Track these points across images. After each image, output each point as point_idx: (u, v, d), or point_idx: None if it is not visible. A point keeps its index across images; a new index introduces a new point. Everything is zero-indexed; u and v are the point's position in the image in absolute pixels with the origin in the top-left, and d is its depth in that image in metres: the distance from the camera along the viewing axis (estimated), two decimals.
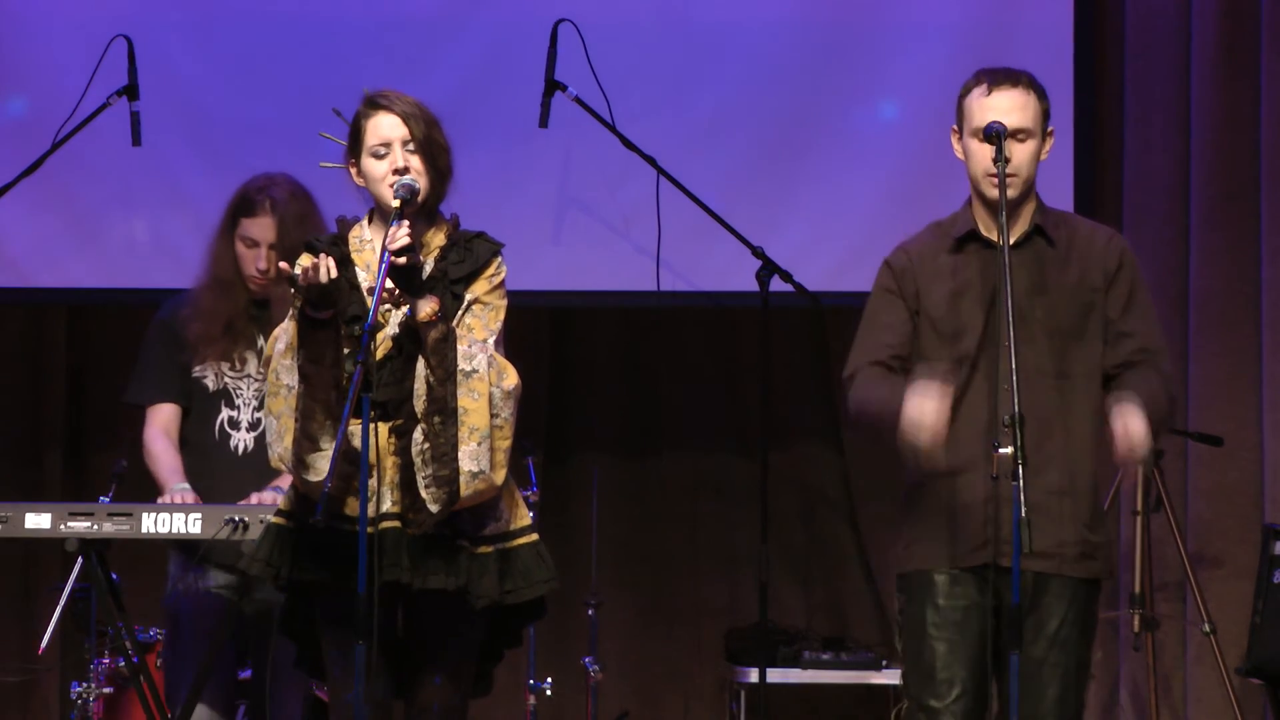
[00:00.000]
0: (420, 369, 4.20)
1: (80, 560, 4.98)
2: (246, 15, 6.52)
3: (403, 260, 4.17)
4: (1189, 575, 6.21)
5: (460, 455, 4.17)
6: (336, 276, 4.16)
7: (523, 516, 4.38)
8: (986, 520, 4.34)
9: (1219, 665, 6.15)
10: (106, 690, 5.44)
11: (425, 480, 4.18)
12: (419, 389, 4.20)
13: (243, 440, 5.22)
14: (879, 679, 6.44)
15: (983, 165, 4.37)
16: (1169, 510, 6.15)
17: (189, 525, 4.95)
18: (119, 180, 6.47)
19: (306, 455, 4.20)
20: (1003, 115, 4.35)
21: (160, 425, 5.26)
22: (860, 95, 6.59)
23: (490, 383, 4.21)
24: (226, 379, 5.23)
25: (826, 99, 6.56)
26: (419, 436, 4.19)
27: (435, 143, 4.31)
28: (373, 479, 4.17)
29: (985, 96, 4.39)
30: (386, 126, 4.29)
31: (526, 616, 4.45)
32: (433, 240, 4.34)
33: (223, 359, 5.22)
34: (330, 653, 4.33)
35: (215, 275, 5.24)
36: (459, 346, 4.20)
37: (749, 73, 6.56)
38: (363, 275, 4.32)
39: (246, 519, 4.90)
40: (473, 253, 4.32)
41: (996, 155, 4.31)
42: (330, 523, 4.18)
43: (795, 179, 6.55)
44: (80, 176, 6.41)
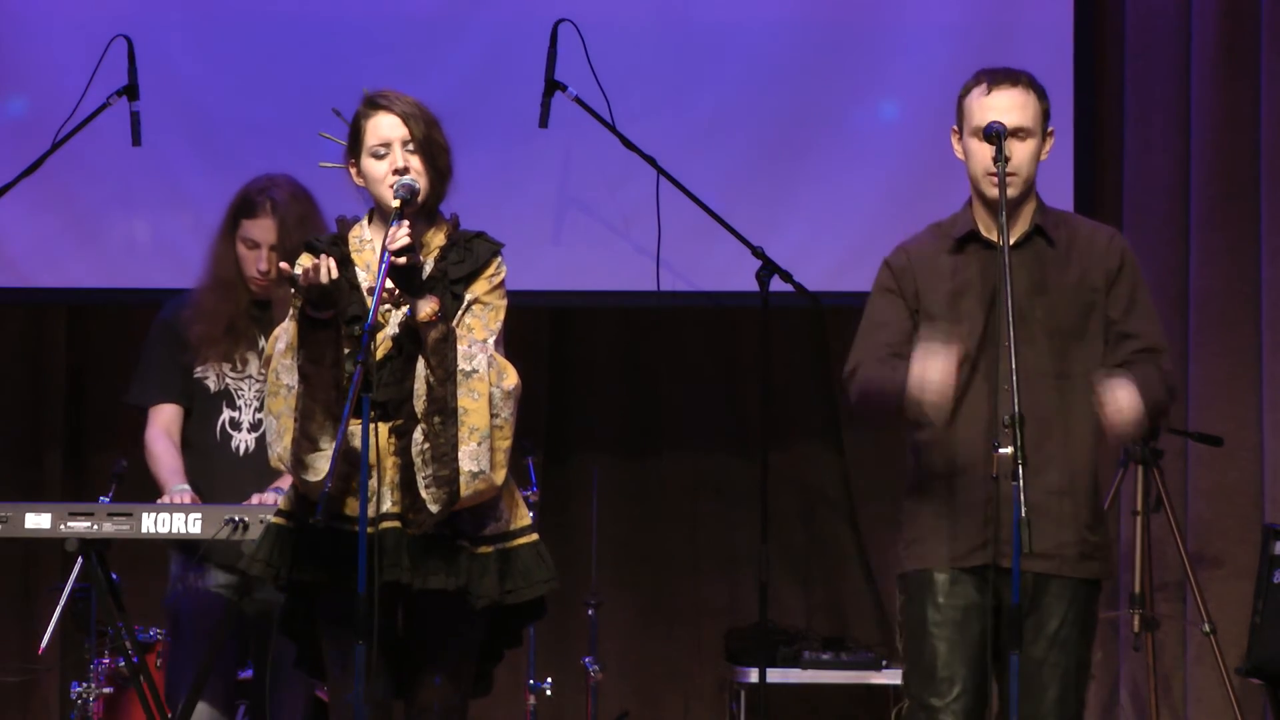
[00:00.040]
0: (420, 369, 4.20)
1: (80, 560, 4.98)
2: (246, 15, 6.52)
3: (403, 260, 4.17)
4: (1189, 575, 6.20)
5: (460, 455, 4.17)
6: (337, 277, 4.16)
7: (523, 516, 4.38)
8: (986, 520, 4.33)
9: (1219, 665, 6.14)
10: (106, 690, 5.42)
11: (425, 480, 4.18)
12: (419, 389, 4.20)
13: (244, 441, 5.21)
14: (879, 679, 6.43)
15: (983, 165, 4.37)
16: (1169, 510, 6.15)
17: (189, 525, 4.95)
18: (119, 180, 6.47)
19: (306, 455, 4.20)
20: (1003, 115, 4.35)
21: (162, 426, 5.26)
22: (860, 95, 6.59)
23: (490, 383, 4.21)
24: (228, 380, 5.23)
25: (826, 99, 6.56)
26: (419, 437, 4.19)
27: (435, 143, 4.31)
28: (373, 479, 4.17)
29: (985, 96, 4.39)
30: (386, 126, 4.29)
31: (526, 616, 4.45)
32: (433, 240, 4.34)
33: (224, 360, 5.22)
34: (330, 653, 4.33)
35: (216, 276, 5.25)
36: (459, 346, 4.20)
37: (749, 73, 6.56)
38: (363, 275, 4.32)
39: (246, 519, 4.90)
40: (473, 253, 4.32)
41: (996, 155, 4.30)
42: (330, 523, 4.18)
43: (795, 179, 6.54)
44: (80, 176, 6.41)
